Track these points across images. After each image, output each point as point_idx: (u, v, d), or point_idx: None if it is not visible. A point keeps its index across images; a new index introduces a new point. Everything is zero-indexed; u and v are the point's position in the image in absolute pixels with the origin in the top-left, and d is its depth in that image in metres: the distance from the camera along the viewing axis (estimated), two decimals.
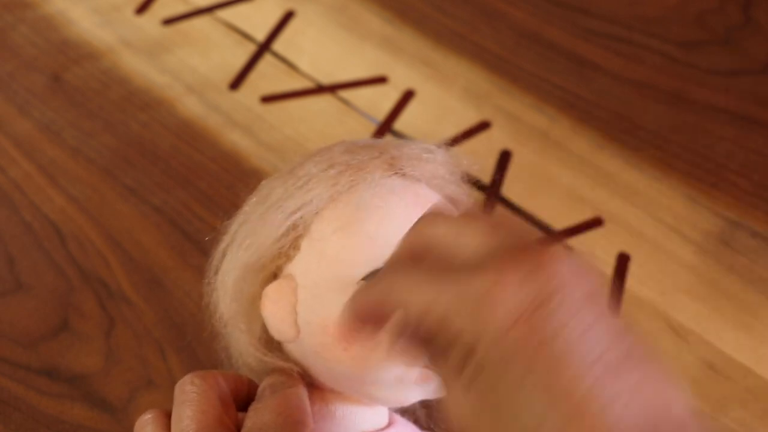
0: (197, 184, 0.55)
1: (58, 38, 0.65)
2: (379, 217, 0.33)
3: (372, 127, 0.59)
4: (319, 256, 0.33)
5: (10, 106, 0.60)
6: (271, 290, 0.33)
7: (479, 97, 0.61)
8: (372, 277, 0.31)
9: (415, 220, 0.30)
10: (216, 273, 0.36)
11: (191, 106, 0.61)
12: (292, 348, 0.35)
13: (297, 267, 0.33)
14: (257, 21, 0.67)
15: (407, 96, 0.62)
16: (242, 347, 0.35)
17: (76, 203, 0.54)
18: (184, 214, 0.54)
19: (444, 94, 0.62)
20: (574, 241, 0.53)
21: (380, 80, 0.63)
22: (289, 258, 0.34)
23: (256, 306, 0.34)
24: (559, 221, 0.54)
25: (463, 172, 0.38)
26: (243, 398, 0.33)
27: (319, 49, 0.65)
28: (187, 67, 0.63)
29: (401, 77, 0.63)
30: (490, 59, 0.64)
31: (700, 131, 0.59)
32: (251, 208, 0.35)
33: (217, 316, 0.35)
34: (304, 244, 0.33)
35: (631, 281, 0.51)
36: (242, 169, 0.56)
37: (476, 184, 0.56)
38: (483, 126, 0.60)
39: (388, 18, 0.67)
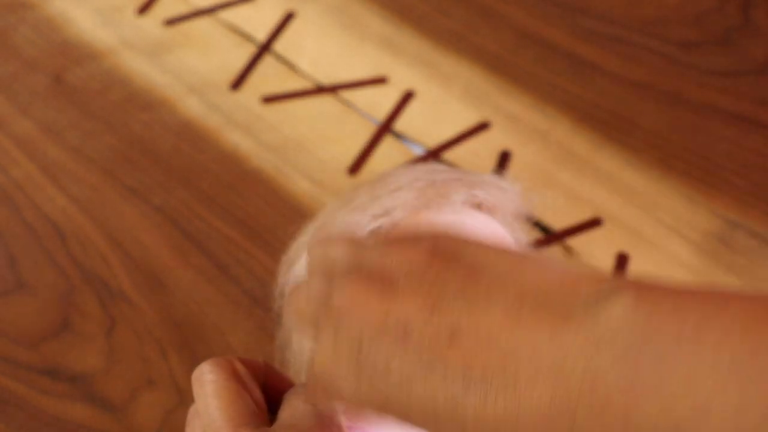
0: (198, 184, 0.56)
1: (59, 39, 0.65)
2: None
3: (372, 128, 0.60)
4: None
5: (12, 106, 0.60)
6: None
7: (479, 97, 0.61)
8: None
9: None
10: (288, 272, 0.36)
11: (192, 107, 0.61)
12: None
13: None
14: (258, 22, 0.67)
15: (407, 96, 0.62)
16: (305, 350, 0.35)
17: (77, 203, 0.55)
18: (185, 214, 0.54)
19: (444, 95, 0.62)
20: (574, 241, 0.53)
21: (380, 81, 0.63)
22: None
23: None
24: (558, 221, 0.54)
25: (528, 211, 0.39)
26: (261, 381, 0.32)
27: (319, 49, 0.65)
28: (188, 67, 0.63)
29: (401, 78, 0.63)
30: (490, 60, 0.64)
31: (700, 131, 0.59)
32: (332, 211, 0.36)
33: (284, 318, 0.36)
34: None
35: None
36: (243, 169, 0.57)
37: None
38: (483, 126, 0.60)
39: (388, 19, 0.67)
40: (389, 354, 0.23)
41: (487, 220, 0.36)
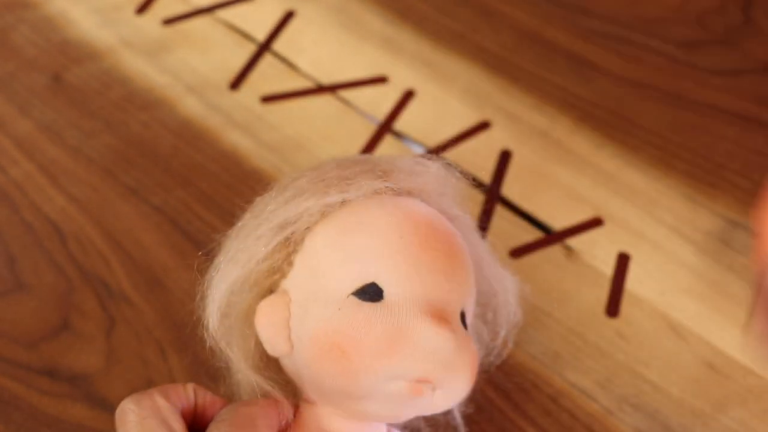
0: (198, 184, 0.56)
1: (58, 38, 0.65)
2: (368, 233, 0.33)
3: (372, 127, 0.60)
4: (310, 271, 0.33)
5: (11, 106, 0.60)
6: (265, 305, 0.34)
7: (479, 97, 0.61)
8: (361, 292, 0.31)
9: (405, 233, 0.32)
10: (208, 288, 0.35)
11: (191, 106, 0.61)
12: (287, 363, 0.35)
13: (291, 282, 0.34)
14: (257, 21, 0.67)
15: (407, 96, 0.62)
16: (236, 364, 0.35)
17: (77, 203, 0.54)
18: (185, 214, 0.54)
19: (444, 94, 0.62)
20: (574, 241, 0.53)
21: (380, 80, 0.63)
22: (284, 274, 0.34)
23: (250, 321, 0.34)
24: (559, 221, 0.54)
25: (458, 182, 0.38)
26: (189, 408, 0.33)
27: (319, 49, 0.65)
28: (188, 67, 0.63)
29: (401, 77, 0.63)
30: (490, 59, 0.64)
31: (701, 131, 0.59)
32: (244, 222, 0.36)
33: (210, 331, 0.35)
34: (297, 260, 0.34)
35: (631, 281, 0.51)
36: (242, 169, 0.57)
37: (476, 185, 0.56)
38: (483, 126, 0.60)
39: (389, 18, 0.67)
40: None
41: (399, 199, 0.34)
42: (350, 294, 0.31)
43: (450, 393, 0.32)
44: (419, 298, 0.31)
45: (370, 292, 0.31)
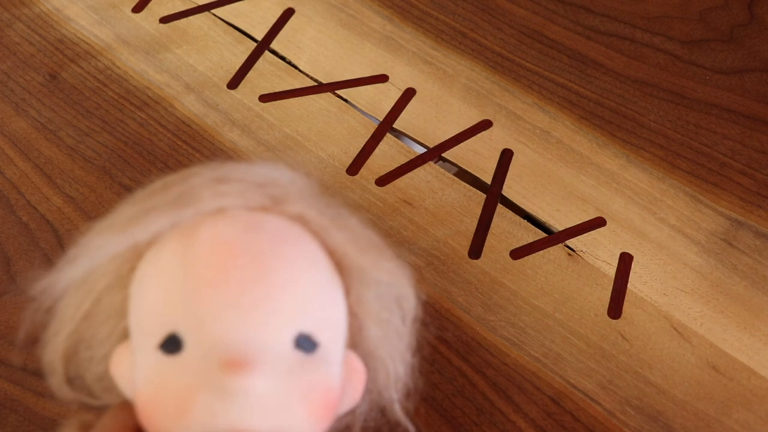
0: None
1: (54, 36, 0.64)
2: (159, 275, 0.29)
3: (372, 126, 0.59)
4: (132, 318, 0.30)
5: (6, 104, 0.60)
6: (116, 352, 0.31)
7: (480, 95, 0.61)
8: (164, 345, 0.28)
9: (196, 267, 0.28)
10: (62, 270, 0.31)
11: (189, 105, 0.60)
12: None
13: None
14: (256, 19, 0.66)
15: (408, 94, 0.61)
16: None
17: (74, 203, 0.54)
18: None
19: (445, 93, 0.61)
20: (576, 242, 0.53)
21: (381, 79, 0.62)
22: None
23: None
24: (560, 221, 0.54)
25: (313, 184, 0.33)
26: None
27: (318, 47, 0.64)
28: (185, 65, 0.63)
29: (402, 76, 0.62)
30: (492, 57, 0.63)
31: (704, 130, 0.59)
32: (103, 222, 0.32)
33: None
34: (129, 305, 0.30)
35: (634, 281, 0.51)
36: None
37: (477, 184, 0.56)
38: (484, 125, 0.59)
39: (389, 16, 0.66)
40: None
41: (218, 221, 0.30)
42: (156, 346, 0.28)
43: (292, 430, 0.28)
44: (216, 343, 0.27)
45: (170, 345, 0.28)
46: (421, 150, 0.58)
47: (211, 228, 0.29)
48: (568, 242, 0.53)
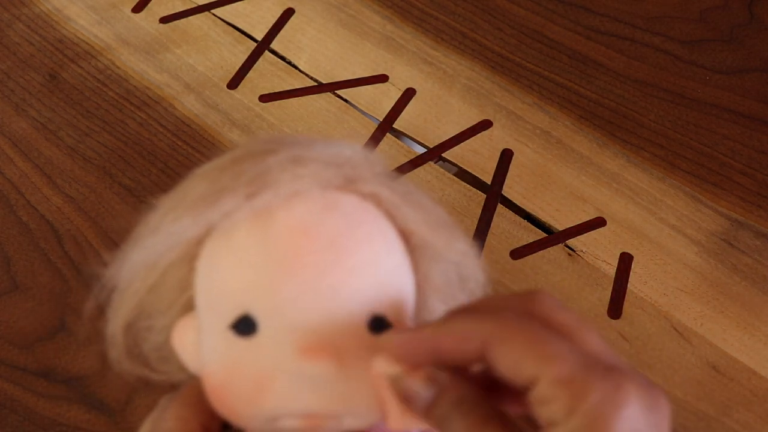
0: None
1: (54, 36, 0.64)
2: (234, 255, 0.28)
3: (372, 126, 0.59)
4: (199, 295, 0.30)
5: (7, 104, 0.60)
6: (178, 325, 0.30)
7: (480, 95, 0.61)
8: (236, 326, 0.28)
9: (273, 250, 0.27)
10: (121, 266, 0.32)
11: (189, 105, 0.60)
12: None
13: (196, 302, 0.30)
14: (256, 19, 0.66)
15: (408, 95, 0.61)
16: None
17: (73, 203, 0.54)
18: None
19: (445, 93, 0.61)
20: (577, 241, 0.53)
21: (381, 79, 0.62)
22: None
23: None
24: (560, 221, 0.54)
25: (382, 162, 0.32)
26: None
27: (318, 47, 0.64)
28: (185, 65, 0.63)
29: (402, 76, 0.62)
30: (492, 57, 0.63)
31: (704, 130, 0.59)
32: (148, 221, 0.32)
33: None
34: (195, 280, 0.30)
35: (634, 281, 0.51)
36: None
37: (477, 184, 0.56)
38: (484, 125, 0.59)
39: (389, 16, 0.66)
40: None
41: (294, 203, 0.29)
42: (228, 326, 0.28)
43: (358, 418, 0.28)
44: (292, 327, 0.27)
45: (243, 326, 0.28)
46: (421, 150, 0.58)
47: (288, 211, 0.29)
48: (568, 242, 0.53)
